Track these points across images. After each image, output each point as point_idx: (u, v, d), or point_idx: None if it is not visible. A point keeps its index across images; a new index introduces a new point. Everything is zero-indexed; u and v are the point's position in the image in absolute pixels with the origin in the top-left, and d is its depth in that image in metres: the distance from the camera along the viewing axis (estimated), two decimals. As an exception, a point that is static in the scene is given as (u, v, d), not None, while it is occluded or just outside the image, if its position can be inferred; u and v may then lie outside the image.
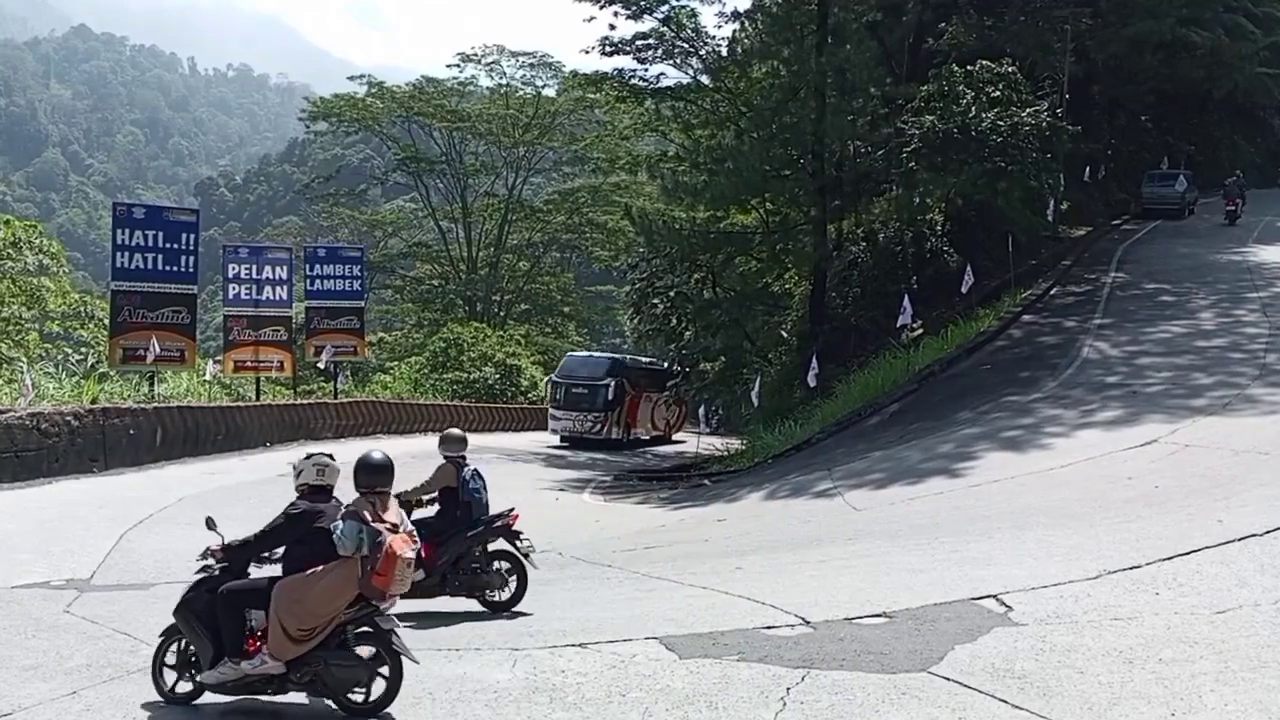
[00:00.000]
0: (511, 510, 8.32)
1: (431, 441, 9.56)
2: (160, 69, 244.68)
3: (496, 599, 7.88)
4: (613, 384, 31.39)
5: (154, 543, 10.74)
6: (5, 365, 23.14)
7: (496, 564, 8.08)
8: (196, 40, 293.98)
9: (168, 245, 22.04)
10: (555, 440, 34.87)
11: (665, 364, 37.89)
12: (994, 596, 6.57)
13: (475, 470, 8.51)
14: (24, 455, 15.18)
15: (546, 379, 34.22)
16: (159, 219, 22.62)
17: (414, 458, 11.76)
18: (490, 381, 42.91)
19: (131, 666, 5.98)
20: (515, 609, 7.78)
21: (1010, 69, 25.22)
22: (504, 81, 54.50)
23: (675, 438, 35.95)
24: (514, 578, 7.96)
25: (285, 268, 28.34)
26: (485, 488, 8.48)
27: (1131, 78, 35.74)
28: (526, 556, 8.01)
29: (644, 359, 38.80)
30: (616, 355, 37.76)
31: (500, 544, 8.20)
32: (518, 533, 8.13)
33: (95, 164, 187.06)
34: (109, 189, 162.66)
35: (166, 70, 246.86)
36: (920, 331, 22.04)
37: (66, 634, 6.81)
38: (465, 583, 7.88)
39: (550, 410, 32.35)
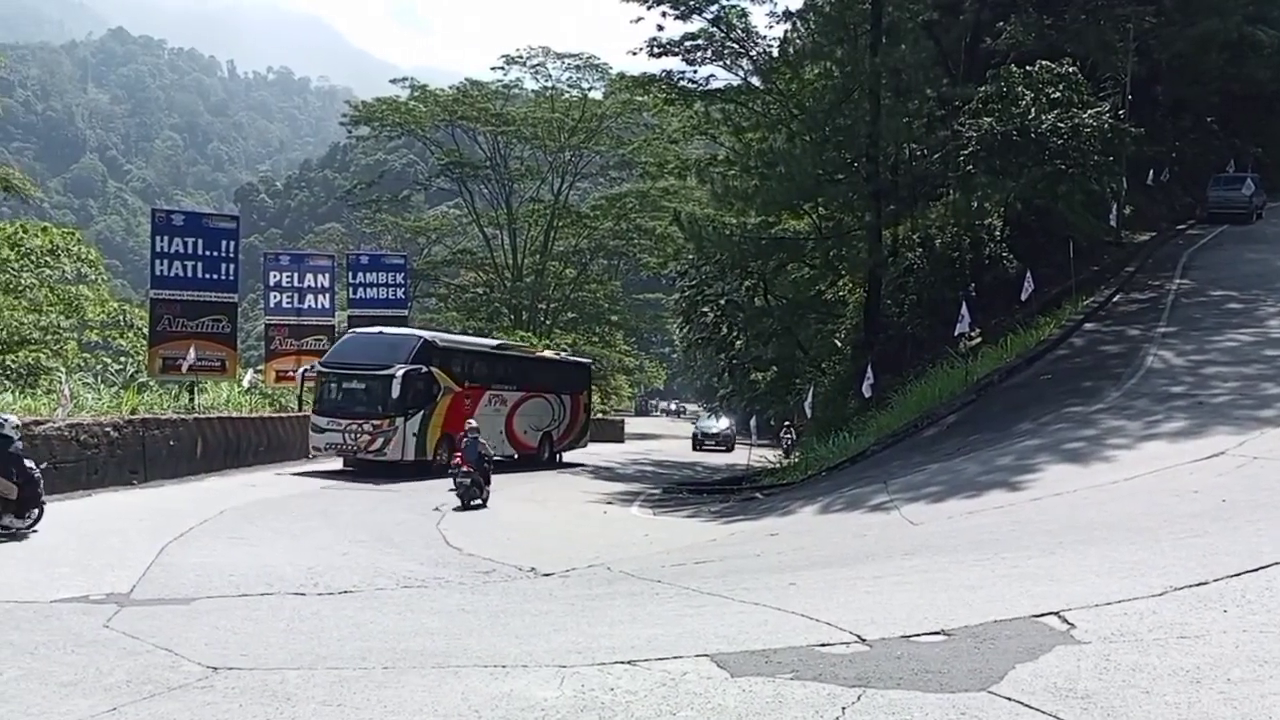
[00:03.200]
0: None
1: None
2: (199, 72, 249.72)
3: None
4: (405, 375, 20.45)
5: (195, 557, 10.78)
6: (44, 375, 23.64)
7: None
8: (236, 42, 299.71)
9: (208, 253, 22.27)
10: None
11: (560, 351, 31.79)
12: (1056, 614, 6.32)
13: None
14: (62, 467, 15.35)
15: (302, 368, 22.81)
16: (199, 226, 22.89)
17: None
18: (536, 389, 43.00)
19: (173, 683, 5.91)
20: None
21: (1071, 69, 24.68)
22: (549, 84, 54.50)
23: (567, 458, 27.73)
24: None
25: (327, 276, 28.75)
26: None
27: (1197, 78, 34.81)
28: None
29: (488, 340, 28.72)
30: (429, 332, 25.15)
31: None
32: None
33: (133, 170, 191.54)
34: (147, 195, 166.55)
35: (205, 74, 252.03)
36: (979, 340, 21.64)
37: (106, 649, 6.76)
38: None
39: (313, 418, 21.29)
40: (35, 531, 11.34)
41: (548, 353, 29.46)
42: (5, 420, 11.40)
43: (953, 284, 25.23)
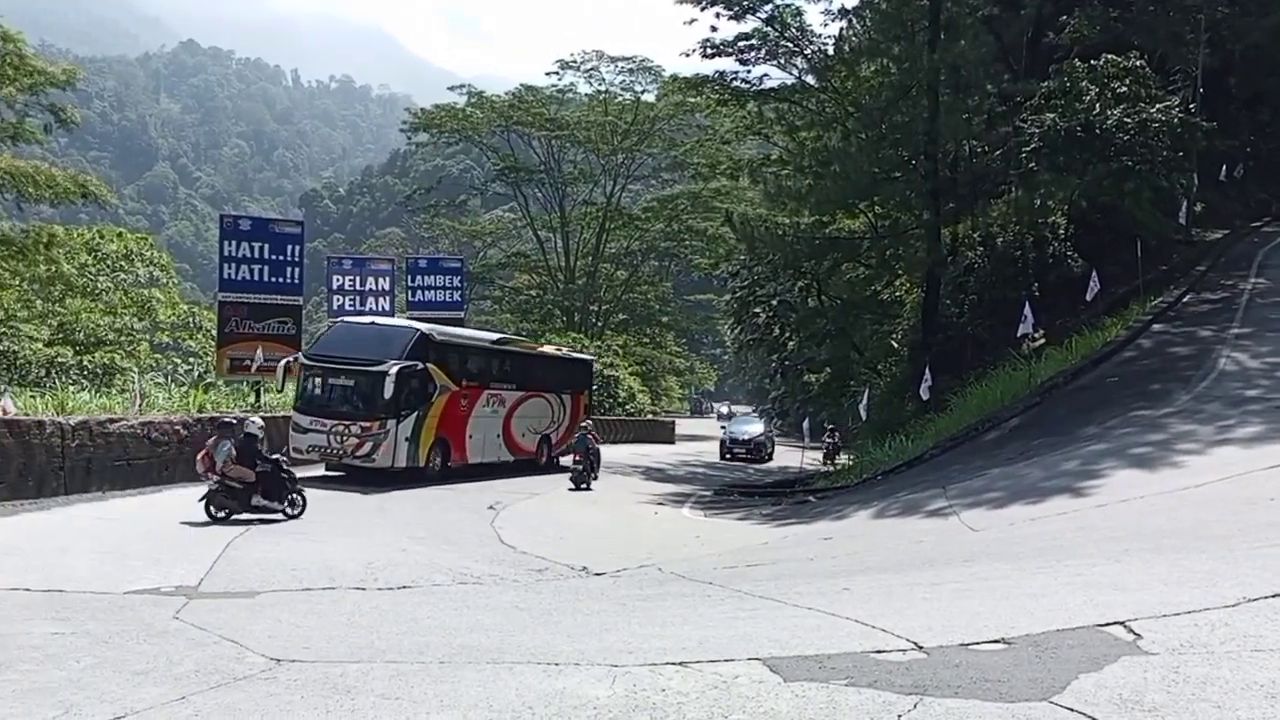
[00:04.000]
0: None
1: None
2: (265, 82, 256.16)
3: None
4: (400, 372, 18.17)
5: (258, 552, 11.03)
6: (118, 375, 24.38)
7: None
8: (300, 52, 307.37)
9: (273, 257, 22.77)
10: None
11: (558, 349, 28.66)
12: (1122, 623, 6.14)
13: None
14: (135, 464, 15.89)
15: (284, 361, 19.67)
16: (265, 231, 23.39)
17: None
18: (587, 392, 43.18)
19: (238, 674, 6.05)
20: None
21: (1138, 62, 24.08)
22: (603, 88, 54.81)
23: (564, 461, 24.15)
24: None
25: (387, 279, 29.25)
26: None
27: (1274, 69, 33.66)
28: None
29: (487, 334, 25.86)
30: (425, 324, 21.42)
31: None
32: None
33: (203, 177, 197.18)
34: (216, 201, 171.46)
35: (271, 83, 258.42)
36: (1042, 341, 21.19)
37: (176, 640, 6.95)
38: None
39: (294, 416, 19.15)
40: (299, 518, 13.46)
41: (548, 349, 27.27)
42: (254, 421, 13.92)
43: (1015, 284, 24.78)
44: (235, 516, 12.87)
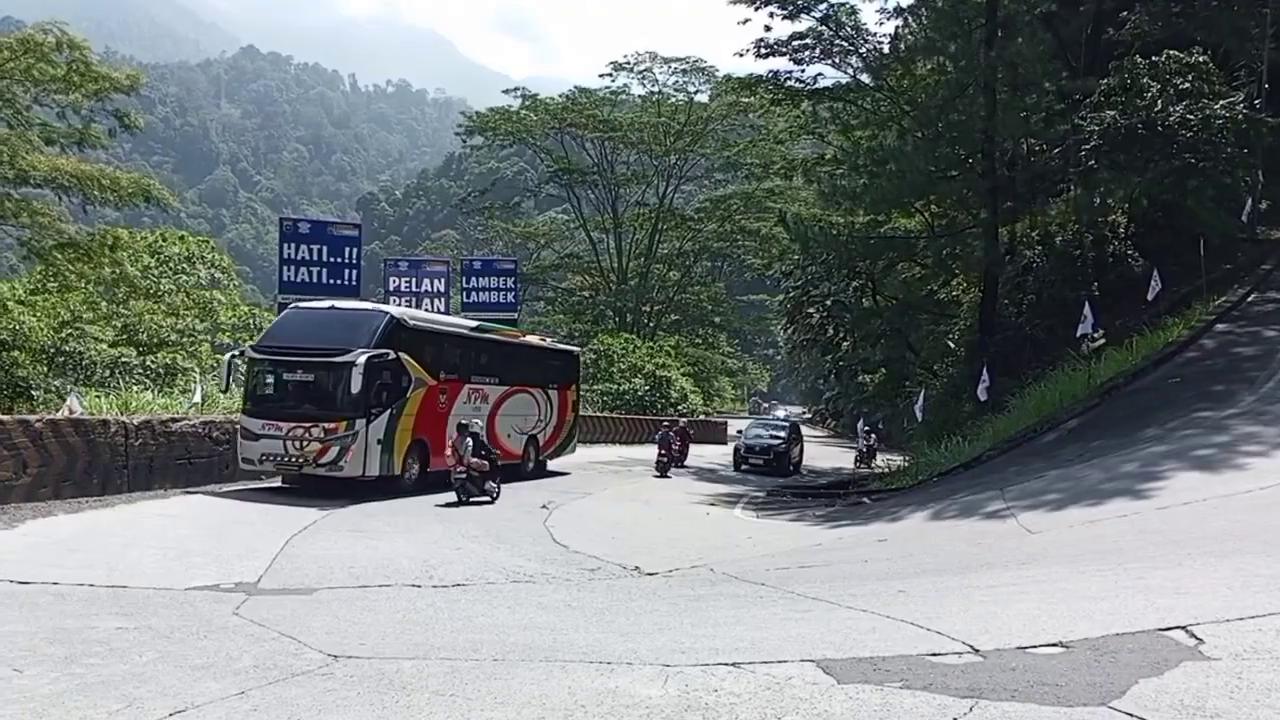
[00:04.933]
0: None
1: (584, 453, 9.64)
2: (323, 86, 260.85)
3: None
4: (369, 363, 15.70)
5: (316, 549, 11.24)
6: (180, 375, 24.99)
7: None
8: (357, 57, 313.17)
9: (332, 259, 23.28)
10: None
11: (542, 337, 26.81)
12: (1183, 628, 6.03)
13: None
14: (196, 462, 16.25)
15: (229, 355, 18.32)
16: (323, 233, 23.90)
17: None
18: (640, 393, 43.31)
19: (296, 669, 6.16)
20: None
21: (1201, 58, 23.42)
22: (656, 89, 54.94)
23: (551, 465, 23.19)
24: None
25: (442, 280, 29.69)
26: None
27: (1343, 63, 32.51)
28: None
29: (465, 321, 22.42)
30: (396, 308, 20.48)
31: None
32: None
33: (263, 181, 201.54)
34: (275, 204, 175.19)
35: (329, 88, 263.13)
36: (1102, 342, 20.72)
37: (235, 635, 7.09)
38: None
39: (242, 420, 16.41)
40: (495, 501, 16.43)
41: (532, 338, 24.78)
42: (477, 424, 16.81)
43: (1074, 283, 24.28)
44: (472, 499, 16.17)
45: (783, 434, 30.64)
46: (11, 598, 7.97)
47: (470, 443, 16.12)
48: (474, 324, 21.38)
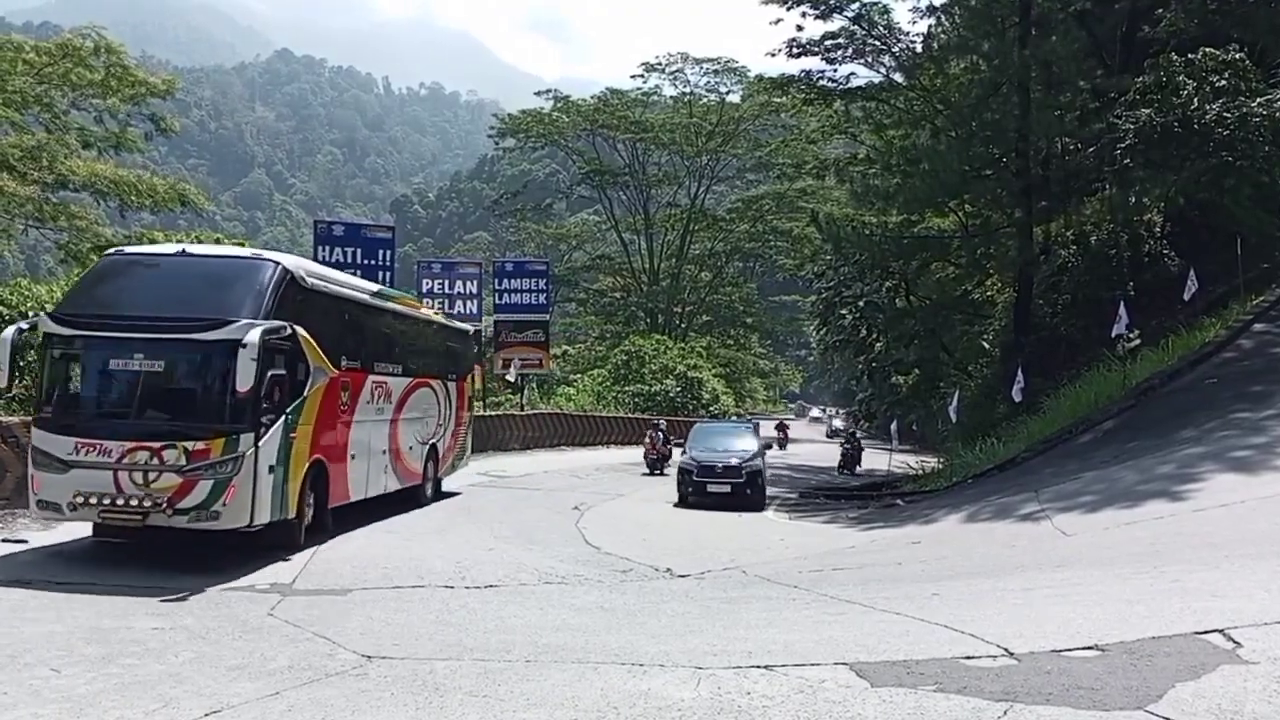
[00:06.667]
0: None
1: (616, 454, 9.65)
2: (357, 89, 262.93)
3: None
4: (266, 339, 9.71)
5: (349, 551, 11.35)
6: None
7: None
8: (390, 60, 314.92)
9: (366, 261, 23.55)
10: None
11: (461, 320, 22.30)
12: (1221, 631, 5.97)
13: None
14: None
15: (9, 330, 10.30)
16: (357, 236, 24.18)
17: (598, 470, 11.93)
18: (671, 394, 43.34)
19: (330, 670, 6.23)
20: None
21: (1237, 55, 23.02)
22: (687, 90, 54.94)
23: (447, 483, 17.55)
24: None
25: (475, 282, 29.93)
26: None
27: (1385, 60, 31.82)
28: None
29: (364, 284, 14.99)
30: (286, 255, 11.65)
31: None
32: None
33: (297, 183, 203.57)
34: (310, 207, 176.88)
35: (363, 90, 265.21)
36: (1138, 342, 20.43)
37: (270, 636, 7.18)
38: None
39: (36, 437, 9.92)
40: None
41: (431, 312, 18.57)
42: (662, 422, 21.21)
43: (1109, 283, 23.96)
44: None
45: (752, 452, 20.49)
46: None
47: (660, 436, 26.02)
48: (374, 289, 14.95)
